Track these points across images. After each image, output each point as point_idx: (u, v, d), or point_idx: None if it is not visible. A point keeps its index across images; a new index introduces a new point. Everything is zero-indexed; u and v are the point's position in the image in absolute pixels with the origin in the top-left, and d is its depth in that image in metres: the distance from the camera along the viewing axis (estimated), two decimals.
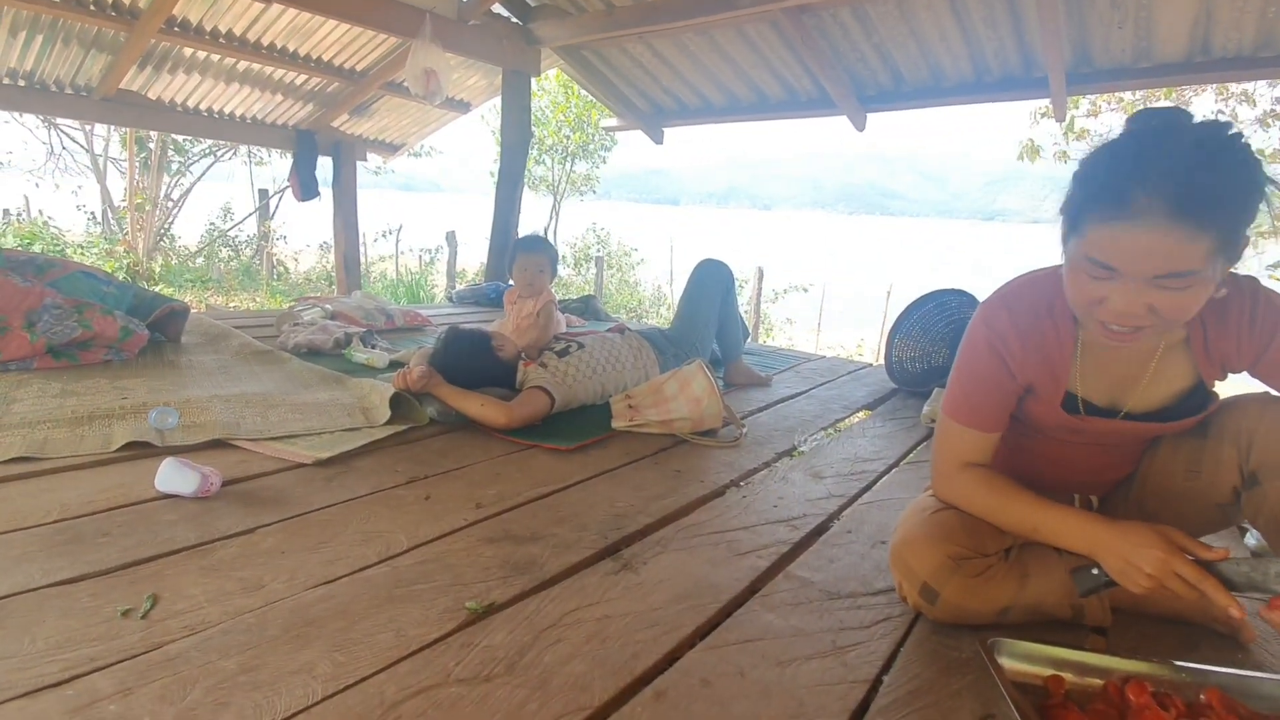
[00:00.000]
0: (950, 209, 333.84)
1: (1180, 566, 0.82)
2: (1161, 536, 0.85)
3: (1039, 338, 0.99)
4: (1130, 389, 1.01)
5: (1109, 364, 1.01)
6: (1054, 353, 1.00)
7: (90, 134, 8.51)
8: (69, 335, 2.09)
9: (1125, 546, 0.86)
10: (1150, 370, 0.99)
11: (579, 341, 2.14)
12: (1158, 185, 0.77)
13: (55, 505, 1.25)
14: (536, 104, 9.55)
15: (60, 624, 0.91)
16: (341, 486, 1.43)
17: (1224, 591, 0.81)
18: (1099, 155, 0.85)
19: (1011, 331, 0.99)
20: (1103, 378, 1.01)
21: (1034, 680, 0.90)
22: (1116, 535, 0.87)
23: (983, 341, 1.01)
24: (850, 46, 3.61)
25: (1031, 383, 1.02)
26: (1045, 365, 1.00)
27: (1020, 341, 0.99)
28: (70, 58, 3.83)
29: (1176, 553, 0.83)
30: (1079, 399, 1.03)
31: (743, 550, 1.27)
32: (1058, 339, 0.99)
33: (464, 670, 0.87)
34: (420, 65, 3.52)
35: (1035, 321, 0.99)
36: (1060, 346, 0.99)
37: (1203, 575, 0.82)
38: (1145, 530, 0.86)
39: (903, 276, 9.60)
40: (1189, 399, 1.01)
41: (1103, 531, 0.89)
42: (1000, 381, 1.02)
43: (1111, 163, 0.83)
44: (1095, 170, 0.84)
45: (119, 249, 7.73)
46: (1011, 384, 1.02)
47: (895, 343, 2.76)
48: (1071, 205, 0.86)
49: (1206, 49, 2.94)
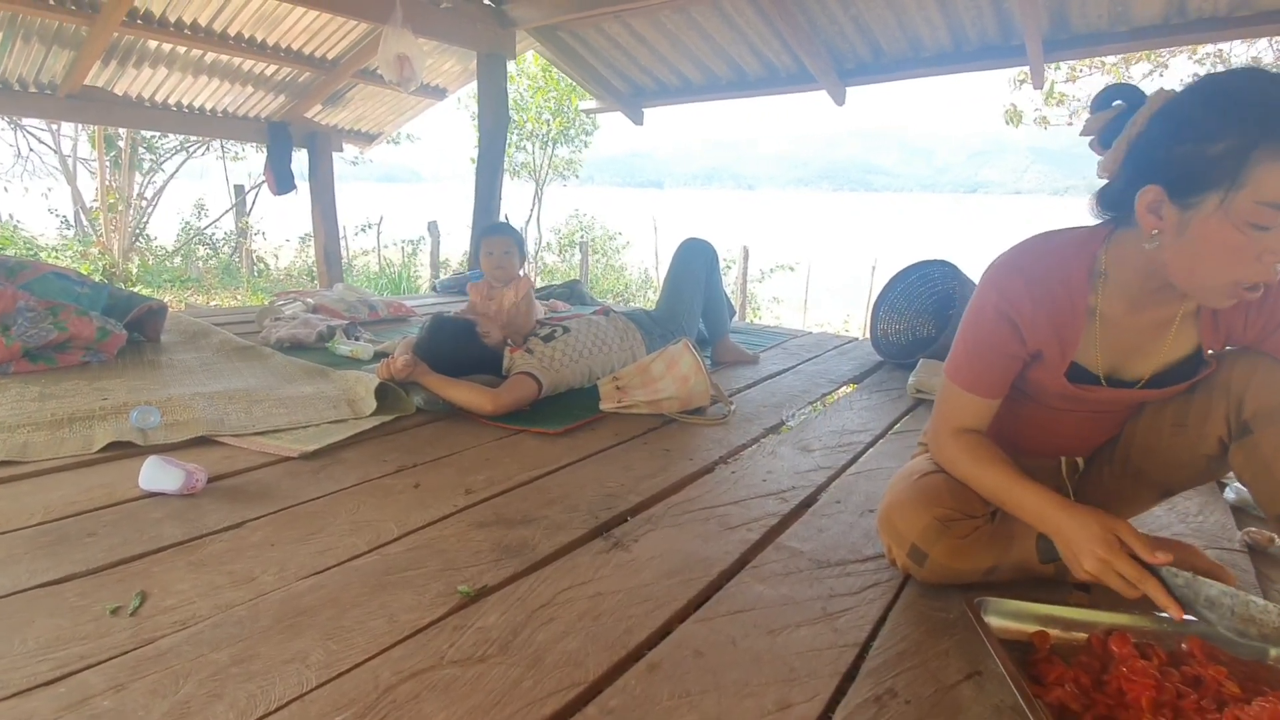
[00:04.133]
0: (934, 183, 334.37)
1: (1121, 566, 0.83)
2: (1106, 532, 0.85)
3: (1052, 305, 0.96)
4: (1138, 359, 1.00)
5: (1125, 335, 0.99)
6: (1066, 321, 0.97)
7: (58, 134, 8.31)
8: (45, 338, 2.05)
9: (1073, 538, 0.87)
10: (1169, 340, 0.98)
11: (564, 325, 2.13)
12: None
13: (39, 507, 1.23)
14: (515, 88, 9.41)
15: (49, 624, 0.91)
16: (329, 478, 1.42)
17: (1164, 593, 0.82)
18: (1231, 94, 0.77)
19: (1025, 296, 0.96)
20: (1115, 348, 1.00)
21: (1020, 637, 0.92)
22: (1067, 523, 0.88)
23: (992, 306, 0.98)
24: (828, 20, 3.59)
25: (1040, 349, 1.00)
26: (1055, 334, 0.98)
27: (1034, 308, 0.96)
28: (32, 55, 3.73)
29: (1118, 552, 0.84)
30: (1083, 368, 1.02)
31: (733, 524, 1.28)
32: (1071, 308, 0.96)
33: (457, 652, 0.88)
34: (393, 51, 3.45)
35: (1049, 288, 0.96)
36: (1074, 315, 0.97)
37: (1144, 575, 0.82)
38: (1094, 525, 0.86)
39: (887, 251, 9.61)
40: (1185, 364, 1.01)
41: (1056, 517, 0.90)
42: (1008, 348, 0.99)
43: (1261, 97, 0.75)
44: (1247, 109, 0.75)
45: (94, 251, 7.59)
46: (1020, 350, 0.99)
47: (880, 315, 2.77)
48: (1213, 159, 0.77)
49: (1183, 10, 2.94)
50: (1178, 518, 1.37)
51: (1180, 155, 0.80)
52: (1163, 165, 0.82)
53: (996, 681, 0.85)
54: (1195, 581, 0.84)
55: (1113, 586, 0.84)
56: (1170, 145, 0.81)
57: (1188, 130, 0.80)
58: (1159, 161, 0.83)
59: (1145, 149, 0.85)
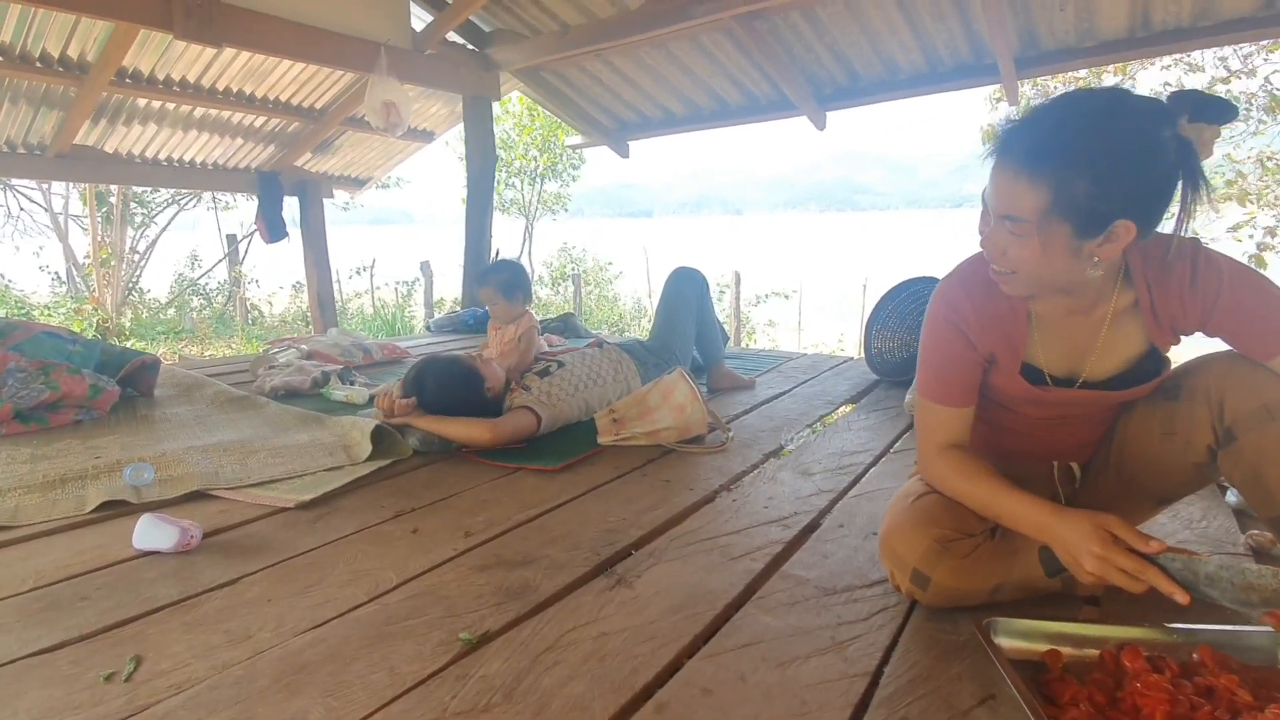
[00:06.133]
0: (920, 199, 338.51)
1: (1119, 560, 0.83)
2: (1099, 530, 0.85)
3: (993, 309, 1.02)
4: (1084, 357, 1.03)
5: (1061, 333, 1.03)
6: (1009, 324, 1.03)
7: (48, 192, 8.39)
8: (36, 398, 2.04)
9: (1068, 539, 0.87)
10: (1101, 338, 1.01)
11: (558, 360, 2.13)
12: (1021, 132, 0.86)
13: (30, 573, 1.21)
14: (501, 127, 9.56)
15: (42, 694, 0.88)
16: (327, 527, 1.41)
17: (1167, 580, 0.82)
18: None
19: (967, 304, 1.03)
20: (1057, 347, 1.04)
21: (1032, 657, 0.90)
22: (1062, 527, 0.89)
23: (940, 319, 1.05)
24: (804, 48, 3.67)
25: (993, 352, 1.05)
26: (1002, 337, 1.03)
27: (976, 314, 1.02)
28: (20, 117, 3.79)
29: (1114, 547, 0.84)
30: (1038, 370, 1.05)
31: (736, 554, 1.26)
32: (1011, 311, 1.02)
33: (461, 703, 0.86)
34: (379, 99, 3.52)
35: (989, 296, 1.02)
36: (1015, 318, 1.02)
37: (1143, 566, 0.83)
38: (1085, 524, 0.86)
39: (877, 269, 9.70)
40: (1142, 364, 1.03)
41: (1050, 523, 0.90)
42: (962, 354, 1.04)
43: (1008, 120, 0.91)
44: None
45: (87, 307, 7.60)
46: (973, 355, 1.04)
47: (873, 334, 2.78)
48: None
49: (1147, 24, 3.02)
50: (1182, 524, 1.36)
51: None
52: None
53: (1011, 705, 0.84)
54: (1193, 561, 0.83)
55: (1117, 582, 0.84)
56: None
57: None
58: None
59: None
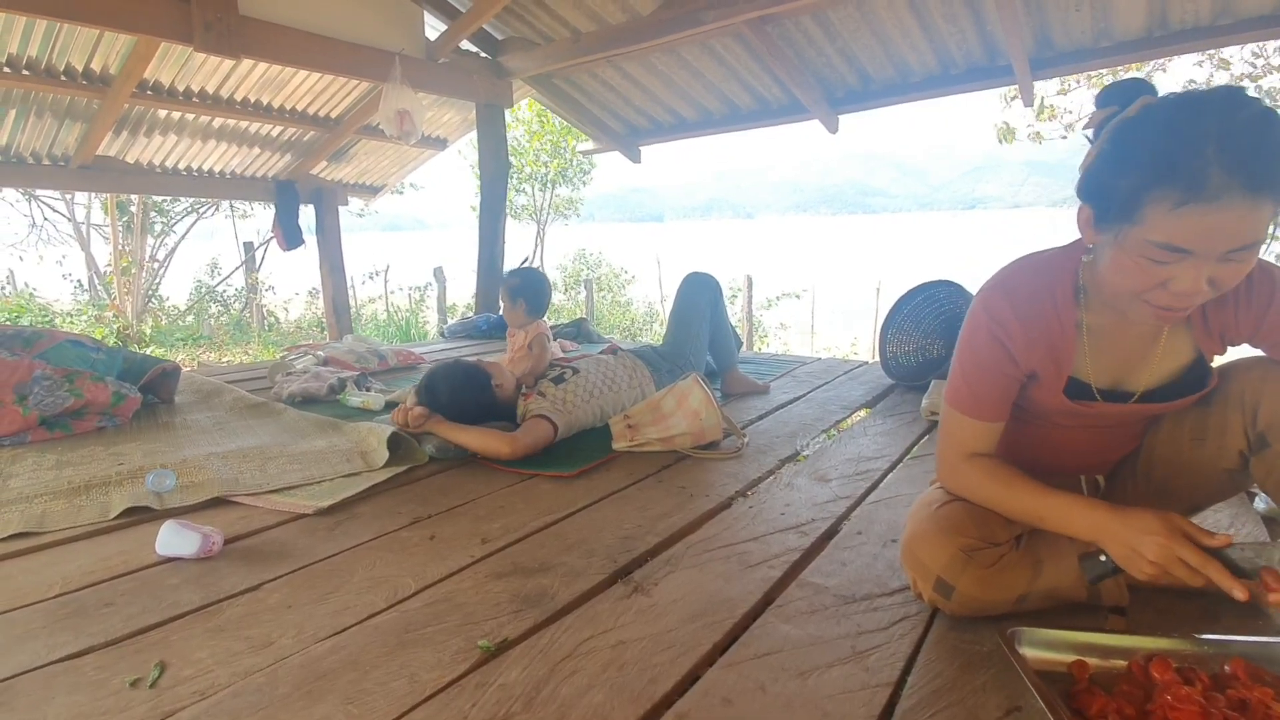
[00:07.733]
0: (931, 201, 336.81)
1: (1184, 552, 0.81)
2: (1164, 522, 0.83)
3: (1041, 323, 0.97)
4: (1135, 368, 1.00)
5: (1115, 347, 0.99)
6: (1057, 338, 0.98)
7: (71, 202, 8.54)
8: (61, 405, 2.08)
9: (1129, 533, 0.85)
10: (1160, 346, 0.98)
11: (573, 366, 2.14)
12: (1233, 164, 0.73)
13: (56, 579, 1.23)
14: (512, 133, 9.62)
15: (69, 700, 0.90)
16: (345, 534, 1.42)
17: (1228, 575, 0.80)
18: (1141, 136, 0.80)
19: (1013, 318, 0.97)
20: (1108, 361, 1.00)
21: (1058, 667, 0.89)
22: (1120, 522, 0.86)
23: (984, 330, 0.99)
24: (816, 52, 3.66)
25: (1035, 369, 1.00)
26: (1048, 351, 0.98)
27: (1022, 328, 0.97)
28: (45, 129, 3.86)
29: (1179, 538, 0.82)
30: (1082, 384, 1.01)
31: (754, 562, 1.26)
32: (1060, 324, 0.97)
33: (480, 712, 0.86)
34: (393, 107, 3.56)
35: (1036, 307, 0.97)
36: (1063, 332, 0.98)
37: (1206, 560, 0.80)
38: (1148, 516, 0.85)
39: (890, 272, 9.64)
40: (1189, 375, 1.00)
41: (1106, 519, 0.88)
42: (1003, 369, 1.00)
43: (1170, 143, 0.76)
44: (1146, 154, 0.78)
45: (108, 314, 7.73)
46: (1015, 371, 1.00)
47: (888, 338, 2.77)
48: (1120, 194, 0.81)
49: (1165, 23, 2.98)
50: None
51: (1102, 182, 0.85)
52: (1093, 187, 0.87)
53: (1037, 717, 0.82)
54: (1265, 548, 0.81)
55: (1177, 574, 0.82)
56: (1100, 170, 0.86)
57: (1110, 161, 0.84)
58: (1091, 183, 0.87)
59: (1089, 166, 0.88)
